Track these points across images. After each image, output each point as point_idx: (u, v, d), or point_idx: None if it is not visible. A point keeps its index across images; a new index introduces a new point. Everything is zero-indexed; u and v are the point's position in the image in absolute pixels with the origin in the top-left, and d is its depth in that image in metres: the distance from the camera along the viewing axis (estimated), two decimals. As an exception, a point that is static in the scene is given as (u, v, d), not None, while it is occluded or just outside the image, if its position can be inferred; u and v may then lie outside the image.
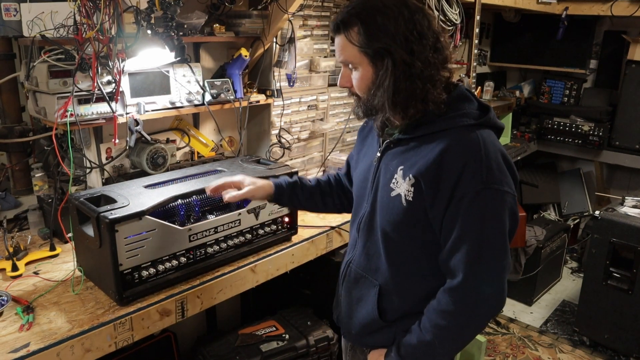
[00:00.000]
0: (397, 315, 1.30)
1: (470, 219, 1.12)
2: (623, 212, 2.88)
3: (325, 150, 2.74)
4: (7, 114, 1.92)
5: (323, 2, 2.49)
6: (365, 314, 1.34)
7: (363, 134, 1.49)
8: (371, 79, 1.17)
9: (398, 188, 1.20)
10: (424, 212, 1.17)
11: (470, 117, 1.18)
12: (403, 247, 1.25)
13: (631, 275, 2.77)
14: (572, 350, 3.06)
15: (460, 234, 1.13)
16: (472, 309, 1.17)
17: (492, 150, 1.14)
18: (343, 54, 1.19)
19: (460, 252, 1.14)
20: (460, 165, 1.11)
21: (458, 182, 1.11)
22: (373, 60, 1.15)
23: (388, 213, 1.24)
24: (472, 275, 1.14)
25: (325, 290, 2.45)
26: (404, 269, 1.27)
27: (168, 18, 1.70)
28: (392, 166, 1.24)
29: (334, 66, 2.57)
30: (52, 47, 1.66)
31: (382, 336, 1.33)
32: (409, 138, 1.22)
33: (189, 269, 1.67)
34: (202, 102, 2.11)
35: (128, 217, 1.47)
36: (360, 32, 1.14)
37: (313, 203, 1.59)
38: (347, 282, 1.41)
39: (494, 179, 1.12)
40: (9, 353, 1.29)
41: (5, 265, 1.69)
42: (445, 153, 1.13)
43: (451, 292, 1.17)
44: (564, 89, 4.29)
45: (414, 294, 1.28)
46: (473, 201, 1.11)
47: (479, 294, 1.16)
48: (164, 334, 2.25)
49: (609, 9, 3.54)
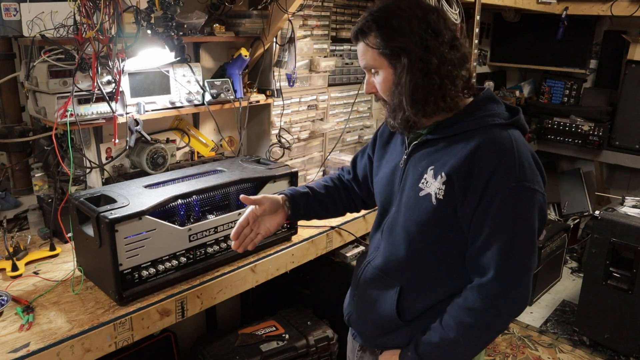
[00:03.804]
0: (415, 315, 1.29)
1: (503, 217, 1.12)
2: (623, 212, 2.88)
3: (325, 150, 2.74)
4: (7, 113, 1.92)
5: (323, 2, 2.49)
6: (382, 314, 1.33)
7: (383, 139, 1.47)
8: (391, 80, 1.20)
9: (428, 187, 1.20)
10: (454, 211, 1.17)
11: (500, 117, 1.19)
12: (427, 247, 1.25)
13: (631, 275, 2.77)
14: (572, 350, 3.06)
15: (491, 231, 1.13)
16: (500, 307, 1.17)
17: (523, 149, 1.15)
18: (364, 59, 1.23)
19: (491, 249, 1.14)
20: (493, 163, 1.12)
21: (490, 180, 1.11)
22: (391, 61, 1.17)
23: (414, 213, 1.23)
24: (502, 273, 1.14)
25: (325, 290, 2.45)
26: (427, 269, 1.27)
27: (168, 18, 1.70)
28: (420, 167, 1.24)
29: (333, 66, 2.58)
30: (52, 47, 1.66)
31: (397, 336, 1.32)
32: (438, 138, 1.23)
33: (189, 269, 1.67)
34: (202, 102, 2.11)
35: (128, 217, 1.47)
36: (377, 36, 1.17)
37: (326, 210, 1.57)
38: (363, 282, 1.39)
39: (526, 177, 1.12)
40: (9, 353, 1.29)
41: (5, 265, 1.69)
42: (477, 150, 1.13)
43: (480, 289, 1.17)
44: (564, 89, 4.29)
45: (435, 294, 1.27)
46: (505, 199, 1.11)
47: (508, 292, 1.15)
48: (164, 333, 2.25)
49: (609, 8, 3.54)
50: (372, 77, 1.25)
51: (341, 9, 2.62)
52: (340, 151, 2.82)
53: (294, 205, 1.48)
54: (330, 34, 2.58)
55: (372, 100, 3.00)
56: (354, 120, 2.87)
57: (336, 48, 2.64)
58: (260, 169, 1.94)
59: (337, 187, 1.59)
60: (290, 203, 1.48)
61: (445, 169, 1.17)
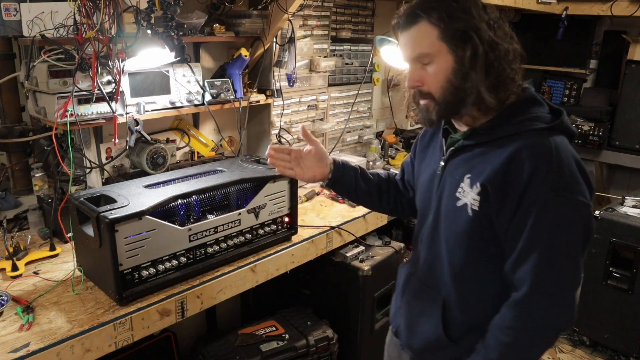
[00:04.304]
0: (462, 332, 1.23)
1: (539, 229, 1.05)
2: (623, 212, 2.88)
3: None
4: (7, 113, 1.92)
5: (323, 2, 2.49)
6: (429, 329, 1.28)
7: (423, 142, 1.41)
8: (451, 68, 1.09)
9: (464, 197, 1.15)
10: (490, 222, 1.11)
11: (541, 120, 1.11)
12: (467, 260, 1.19)
13: (631, 275, 2.77)
14: (572, 350, 3.06)
15: (527, 244, 1.07)
16: (538, 325, 1.10)
17: (564, 156, 1.06)
18: (418, 47, 1.11)
19: (527, 263, 1.07)
20: (529, 171, 1.04)
21: (526, 189, 1.05)
22: (454, 46, 1.07)
23: (453, 224, 1.18)
24: (538, 288, 1.07)
25: (325, 290, 2.45)
26: (468, 283, 1.21)
27: (168, 18, 1.70)
28: (457, 175, 1.18)
29: (333, 66, 2.58)
30: (52, 47, 1.66)
31: (446, 355, 1.27)
32: (474, 144, 1.16)
33: (189, 269, 1.67)
34: (202, 102, 2.11)
35: (128, 217, 1.47)
36: (441, 18, 1.07)
37: (368, 196, 1.51)
38: (408, 295, 1.35)
39: (566, 186, 1.05)
40: (9, 353, 1.29)
41: (5, 265, 1.69)
42: (513, 158, 1.06)
43: (515, 306, 1.11)
44: (564, 89, 4.29)
45: (479, 309, 1.21)
46: (542, 209, 1.04)
47: (545, 309, 1.09)
48: (164, 333, 2.24)
49: (609, 8, 3.54)
50: (421, 68, 1.13)
51: (341, 9, 2.62)
52: (340, 151, 2.82)
53: (337, 170, 1.45)
54: (330, 34, 2.58)
55: (372, 101, 3.00)
56: (354, 120, 2.87)
57: (336, 48, 2.64)
58: (260, 169, 1.94)
59: (388, 181, 1.54)
60: (335, 168, 1.45)
61: (480, 179, 1.11)
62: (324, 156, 1.44)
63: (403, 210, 1.56)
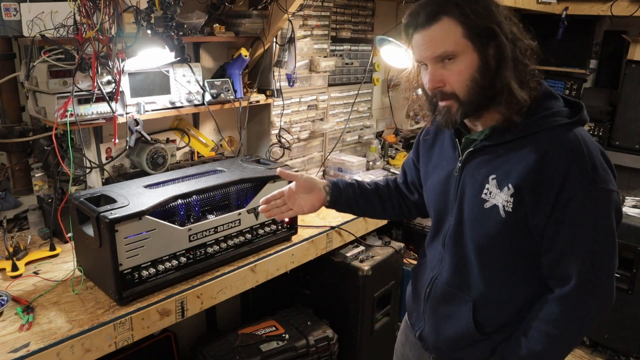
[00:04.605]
0: (492, 329, 1.24)
1: (580, 223, 1.07)
2: (623, 212, 2.88)
3: (325, 150, 2.74)
4: (7, 113, 1.92)
5: (323, 2, 2.49)
6: (457, 330, 1.28)
7: (427, 142, 1.38)
8: (477, 67, 1.07)
9: (493, 199, 1.14)
10: (525, 221, 1.12)
11: (562, 115, 1.11)
12: (500, 259, 1.19)
13: (631, 275, 2.77)
14: (572, 350, 3.06)
15: (570, 238, 1.09)
16: (586, 314, 1.13)
17: (593, 149, 1.08)
18: (443, 45, 1.07)
19: (572, 257, 1.09)
20: (564, 168, 1.05)
21: (563, 186, 1.05)
22: (479, 43, 1.06)
23: (483, 226, 1.17)
24: (586, 281, 1.09)
25: (325, 290, 2.45)
26: (500, 281, 1.21)
27: (168, 18, 1.70)
28: (479, 175, 1.17)
29: (333, 66, 2.57)
30: (52, 47, 1.66)
31: (477, 350, 1.27)
32: (496, 144, 1.15)
33: (189, 269, 1.67)
34: (202, 102, 2.11)
35: (128, 217, 1.47)
36: (466, 14, 1.05)
37: (372, 208, 1.50)
38: (433, 299, 1.33)
39: (600, 178, 1.07)
40: (9, 353, 1.29)
41: (5, 265, 1.69)
42: (545, 157, 1.06)
43: (562, 300, 1.12)
44: (564, 89, 4.28)
45: (511, 304, 1.22)
46: (581, 204, 1.06)
47: (591, 299, 1.12)
48: (164, 334, 2.25)
49: (609, 8, 3.54)
50: (442, 68, 1.10)
51: (341, 9, 2.62)
52: (340, 151, 2.82)
53: (335, 191, 1.44)
54: (330, 34, 2.58)
55: (372, 101, 3.00)
56: (354, 120, 2.87)
57: (336, 48, 2.64)
58: (260, 169, 1.94)
59: (388, 187, 1.54)
60: (332, 188, 1.44)
61: (512, 180, 1.10)
62: (313, 184, 1.43)
63: (409, 212, 1.55)
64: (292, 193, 1.43)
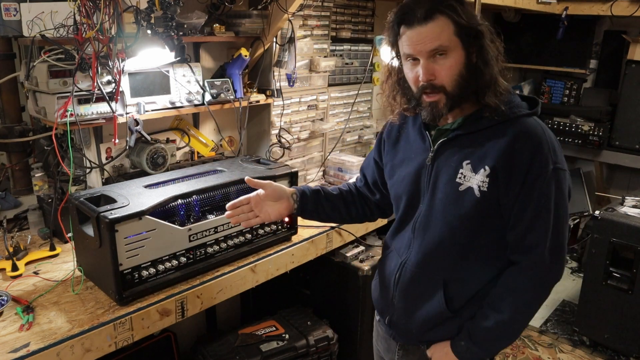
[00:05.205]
0: (463, 303, 1.33)
1: (544, 199, 1.21)
2: (623, 212, 2.88)
3: (325, 150, 2.74)
4: (7, 113, 1.92)
5: (323, 2, 2.49)
6: (429, 309, 1.35)
7: (391, 139, 1.47)
8: (463, 63, 1.21)
9: (468, 182, 1.25)
10: (497, 200, 1.23)
11: (522, 107, 1.26)
12: (470, 238, 1.29)
13: (631, 275, 2.76)
14: (572, 350, 3.06)
15: (536, 213, 1.21)
16: (549, 280, 1.28)
17: (551, 134, 1.24)
18: (438, 40, 1.18)
19: (536, 230, 1.22)
20: (532, 150, 1.19)
21: (531, 166, 1.19)
22: (466, 41, 1.19)
23: (457, 208, 1.27)
24: (549, 251, 1.23)
25: (325, 290, 2.45)
26: (471, 258, 1.31)
27: (168, 18, 1.70)
28: (453, 162, 1.27)
29: (333, 66, 2.57)
30: (52, 47, 1.66)
31: (446, 328, 1.35)
32: (467, 134, 1.27)
33: (189, 269, 1.67)
34: (202, 102, 2.11)
35: (128, 217, 1.47)
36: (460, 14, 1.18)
37: (338, 213, 1.57)
38: (403, 283, 1.39)
39: (559, 160, 1.22)
40: (9, 353, 1.29)
41: (5, 265, 1.69)
42: (516, 141, 1.20)
43: (530, 268, 1.25)
44: (564, 89, 4.28)
45: (479, 280, 1.33)
46: (545, 182, 1.20)
47: (554, 267, 1.26)
48: (164, 334, 2.25)
49: (609, 8, 3.54)
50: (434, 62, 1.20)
51: (341, 9, 2.62)
52: (340, 151, 2.83)
53: (303, 199, 1.49)
54: (330, 34, 2.58)
55: (372, 101, 3.00)
56: (354, 120, 2.87)
57: (336, 48, 2.64)
58: (260, 169, 1.94)
59: (351, 192, 1.60)
60: (299, 197, 1.49)
61: (489, 162, 1.22)
62: (280, 193, 1.46)
63: (372, 214, 1.62)
64: (259, 200, 1.44)
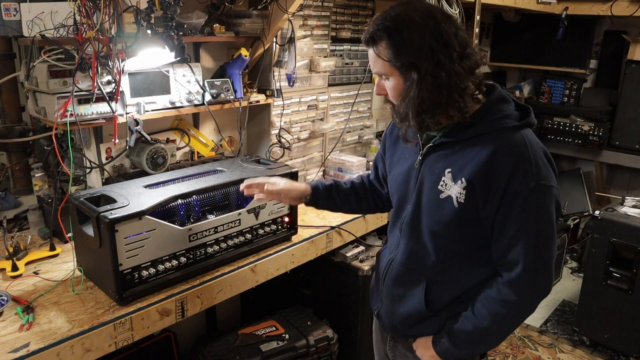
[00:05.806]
0: (442, 306, 1.36)
1: (525, 216, 1.19)
2: (623, 212, 2.88)
3: (325, 150, 2.74)
4: (7, 113, 1.92)
5: (323, 2, 2.49)
6: (410, 307, 1.40)
7: (392, 137, 1.51)
8: (401, 88, 1.22)
9: (448, 190, 1.25)
10: (476, 212, 1.23)
11: (512, 118, 1.23)
12: (451, 245, 1.31)
13: (631, 275, 2.76)
14: (572, 350, 3.06)
15: (516, 230, 1.20)
16: (531, 296, 1.26)
17: (536, 149, 1.21)
18: (375, 66, 1.25)
19: (518, 246, 1.21)
20: (511, 166, 1.17)
21: (510, 182, 1.17)
22: (402, 71, 1.20)
23: (437, 214, 1.28)
24: (530, 266, 1.22)
25: (325, 290, 2.45)
26: (452, 264, 1.33)
27: (168, 18, 1.70)
28: (437, 169, 1.28)
29: (333, 66, 2.57)
30: (52, 47, 1.66)
31: (427, 325, 1.39)
32: (453, 141, 1.26)
33: (189, 269, 1.67)
34: (202, 102, 2.11)
35: (128, 217, 1.47)
36: (387, 47, 1.19)
37: (349, 205, 1.64)
38: (389, 280, 1.45)
39: (542, 175, 1.19)
40: (9, 353, 1.29)
41: (5, 265, 1.69)
42: (495, 155, 1.18)
43: (511, 283, 1.24)
44: (564, 89, 4.29)
45: (460, 285, 1.35)
46: (526, 198, 1.17)
47: (537, 284, 1.24)
48: (164, 333, 2.25)
49: (609, 8, 3.54)
50: (383, 80, 1.27)
51: (341, 9, 2.62)
52: (340, 151, 2.82)
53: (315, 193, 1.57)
54: (330, 34, 2.58)
55: (372, 101, 3.00)
56: (354, 120, 2.87)
57: (336, 48, 2.64)
58: (260, 169, 1.94)
59: (363, 185, 1.65)
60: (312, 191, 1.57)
61: (465, 175, 1.21)
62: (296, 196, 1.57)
63: (384, 206, 1.65)
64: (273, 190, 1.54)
